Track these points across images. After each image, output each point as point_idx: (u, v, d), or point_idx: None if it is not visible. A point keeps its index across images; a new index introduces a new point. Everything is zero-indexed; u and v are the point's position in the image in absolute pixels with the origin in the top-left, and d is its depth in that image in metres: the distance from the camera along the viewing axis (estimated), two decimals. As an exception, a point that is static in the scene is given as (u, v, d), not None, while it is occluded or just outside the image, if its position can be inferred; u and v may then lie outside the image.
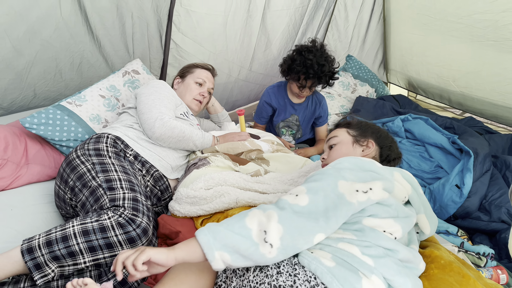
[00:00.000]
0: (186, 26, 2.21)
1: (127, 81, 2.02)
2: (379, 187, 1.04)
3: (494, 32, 2.40)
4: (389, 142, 1.36)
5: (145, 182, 1.58)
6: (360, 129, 1.37)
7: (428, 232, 1.20)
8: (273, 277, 0.92)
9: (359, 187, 1.02)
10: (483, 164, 2.01)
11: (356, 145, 1.33)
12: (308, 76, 2.13)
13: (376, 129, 1.39)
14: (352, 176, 1.04)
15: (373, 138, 1.35)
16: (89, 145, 1.48)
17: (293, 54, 2.19)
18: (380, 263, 0.95)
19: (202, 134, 1.77)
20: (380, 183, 1.04)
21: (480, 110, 2.94)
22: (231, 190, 1.51)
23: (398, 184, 1.11)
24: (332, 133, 1.43)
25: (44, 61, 1.79)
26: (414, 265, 1.06)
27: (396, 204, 1.06)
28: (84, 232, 1.14)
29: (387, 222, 1.03)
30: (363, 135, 1.35)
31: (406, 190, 1.12)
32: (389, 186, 1.06)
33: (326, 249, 0.97)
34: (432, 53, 3.02)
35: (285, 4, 2.64)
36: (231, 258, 0.89)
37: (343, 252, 0.96)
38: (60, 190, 1.42)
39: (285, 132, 2.50)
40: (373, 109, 2.92)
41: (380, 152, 1.34)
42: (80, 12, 1.78)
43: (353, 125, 1.41)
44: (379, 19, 3.38)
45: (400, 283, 0.94)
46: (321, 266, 0.92)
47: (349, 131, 1.38)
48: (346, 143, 1.35)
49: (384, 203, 1.04)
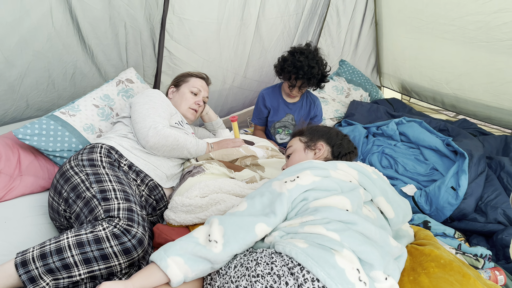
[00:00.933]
0: (179, 34, 2.21)
1: (121, 90, 2.02)
2: (307, 173, 1.17)
3: (486, 33, 2.43)
4: (339, 140, 1.48)
5: (140, 191, 1.56)
6: (310, 134, 1.52)
7: (391, 216, 1.23)
8: (252, 268, 0.96)
9: (287, 179, 1.16)
10: (478, 166, 2.02)
11: (307, 150, 1.48)
12: (298, 77, 2.19)
13: (325, 131, 1.53)
14: (283, 176, 1.20)
15: (323, 139, 1.48)
16: (82, 155, 1.47)
17: (286, 55, 2.26)
18: (345, 235, 1.01)
19: (196, 142, 1.76)
20: (309, 171, 1.18)
21: (474, 112, 2.96)
22: (226, 197, 1.51)
23: (340, 171, 1.23)
24: (288, 144, 1.57)
25: (36, 71, 1.78)
26: (381, 241, 1.09)
27: (338, 182, 1.18)
28: (79, 244, 1.12)
29: (333, 199, 1.12)
30: (312, 139, 1.50)
31: (351, 175, 1.23)
32: (321, 172, 1.19)
33: (297, 237, 1.03)
34: (424, 56, 3.05)
35: (279, 12, 2.65)
36: (183, 260, 0.98)
37: (312, 235, 1.01)
38: (54, 202, 1.40)
39: (281, 131, 2.51)
40: (367, 113, 2.93)
41: (332, 150, 1.46)
42: (72, 22, 1.77)
43: (304, 131, 1.55)
44: (371, 24, 3.40)
45: (368, 251, 0.99)
46: (295, 248, 0.96)
47: (300, 139, 1.52)
48: (299, 150, 1.49)
49: (321, 188, 1.15)
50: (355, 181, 1.23)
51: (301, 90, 2.33)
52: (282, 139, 2.55)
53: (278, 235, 1.07)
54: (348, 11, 3.26)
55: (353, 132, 2.57)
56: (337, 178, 1.20)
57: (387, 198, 1.24)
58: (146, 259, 1.35)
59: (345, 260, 0.94)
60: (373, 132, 2.63)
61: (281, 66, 2.26)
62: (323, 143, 1.47)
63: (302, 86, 2.28)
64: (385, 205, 1.23)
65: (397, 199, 1.28)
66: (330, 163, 1.25)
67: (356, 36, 3.44)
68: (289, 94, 2.36)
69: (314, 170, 1.19)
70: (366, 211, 1.18)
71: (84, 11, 1.77)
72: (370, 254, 0.98)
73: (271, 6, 2.56)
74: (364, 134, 2.54)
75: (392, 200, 1.24)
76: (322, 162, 1.25)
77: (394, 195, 1.27)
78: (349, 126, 2.71)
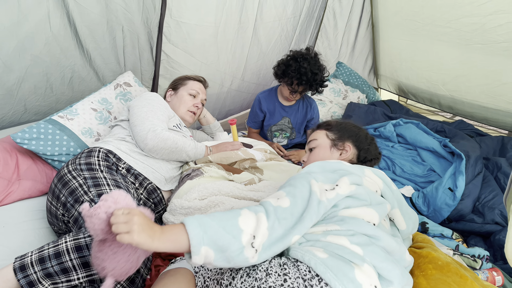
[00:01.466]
0: (176, 37, 2.22)
1: (119, 93, 2.02)
2: (346, 182, 1.08)
3: (482, 35, 2.44)
4: (367, 144, 1.38)
5: (138, 195, 1.57)
6: (339, 132, 1.40)
7: (403, 228, 1.22)
8: (262, 279, 0.91)
9: (327, 187, 1.07)
10: (475, 167, 2.03)
11: (333, 149, 1.37)
12: (301, 83, 2.19)
13: (355, 132, 1.40)
14: (322, 177, 1.09)
15: (351, 141, 1.37)
16: (80, 159, 1.47)
17: (288, 60, 2.24)
18: (368, 250, 0.97)
19: (195, 145, 1.77)
20: (346, 178, 1.09)
21: (470, 113, 2.97)
22: (225, 199, 1.51)
23: (368, 179, 1.15)
24: (312, 135, 1.45)
25: (34, 76, 1.78)
26: (399, 256, 1.07)
27: (369, 193, 1.10)
28: (77, 248, 1.13)
29: (362, 210, 1.06)
30: (341, 138, 1.38)
31: (377, 185, 1.16)
32: (357, 180, 1.10)
33: (317, 245, 0.98)
34: (421, 58, 3.06)
35: (277, 15, 2.66)
36: (214, 257, 0.88)
37: (333, 245, 0.97)
38: (52, 206, 1.41)
39: (278, 135, 2.52)
40: (365, 114, 2.94)
41: (358, 154, 1.37)
42: (69, 26, 1.78)
43: (333, 126, 1.43)
44: (367, 26, 3.42)
45: (389, 269, 0.96)
46: (315, 258, 0.92)
47: (328, 134, 1.40)
48: (324, 147, 1.38)
49: (354, 196, 1.07)
50: (379, 191, 1.17)
51: (301, 95, 2.35)
52: (279, 142, 2.55)
53: (298, 241, 1.01)
54: (345, 13, 3.27)
55: (351, 134, 2.58)
56: (368, 187, 1.13)
57: (402, 210, 1.21)
58: (145, 262, 1.35)
59: (364, 275, 0.91)
60: (371, 134, 2.64)
61: (283, 71, 2.24)
62: (350, 145, 1.36)
63: (303, 91, 2.30)
64: (399, 217, 1.20)
65: (409, 211, 1.26)
66: (359, 169, 1.18)
67: (353, 38, 3.46)
68: (288, 98, 2.36)
69: (351, 177, 1.10)
70: (382, 221, 1.15)
71: (81, 15, 1.78)
72: (391, 271, 0.96)
73: (268, 10, 2.57)
74: (361, 136, 2.55)
75: (405, 212, 1.22)
76: (353, 166, 1.18)
77: (408, 208, 1.25)
78: (347, 128, 2.71)
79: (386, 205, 1.13)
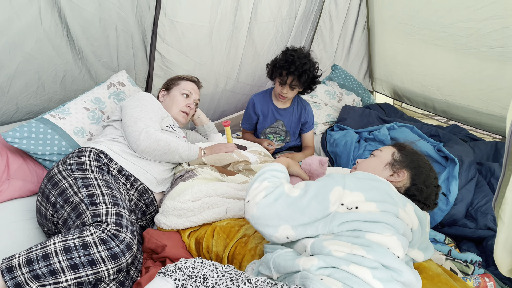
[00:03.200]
0: (171, 37, 2.20)
1: (112, 93, 2.00)
2: (372, 206, 1.05)
3: (477, 40, 2.45)
4: (424, 185, 1.24)
5: (129, 196, 1.55)
6: (406, 157, 1.30)
7: (420, 260, 1.23)
8: None
9: (347, 201, 1.06)
10: (468, 172, 2.03)
11: (388, 167, 1.28)
12: (289, 72, 2.17)
13: (421, 166, 1.27)
14: (353, 185, 1.08)
15: (410, 170, 1.26)
16: (71, 159, 1.45)
17: (278, 55, 2.27)
18: (389, 287, 0.94)
19: (188, 146, 1.75)
20: (375, 204, 1.06)
21: (464, 117, 2.98)
22: (219, 200, 1.50)
23: (405, 214, 1.10)
24: (383, 147, 1.39)
25: (26, 74, 1.76)
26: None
27: (401, 223, 1.07)
28: (66, 249, 1.11)
29: (391, 239, 1.02)
30: (402, 163, 1.28)
31: (411, 222, 1.12)
32: (389, 208, 1.07)
33: (336, 275, 0.95)
34: (416, 62, 3.07)
35: (272, 16, 2.65)
36: None
37: (354, 279, 0.94)
38: (42, 207, 1.38)
39: (272, 138, 2.50)
40: (359, 117, 2.94)
41: (409, 187, 1.24)
42: (61, 23, 1.75)
43: (405, 149, 1.34)
44: (363, 29, 3.42)
45: None
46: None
47: (394, 153, 1.32)
48: (381, 161, 1.31)
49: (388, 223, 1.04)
50: (412, 228, 1.13)
51: (292, 89, 2.27)
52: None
53: (316, 265, 0.97)
54: (341, 16, 3.27)
55: (345, 136, 2.58)
56: (403, 219, 1.09)
57: (421, 248, 1.23)
58: (135, 264, 1.33)
59: None
60: (365, 137, 2.63)
61: (273, 64, 2.26)
62: (406, 173, 1.25)
63: (293, 84, 2.23)
64: (416, 254, 1.20)
65: (429, 245, 1.27)
66: (401, 198, 1.13)
67: (348, 41, 3.46)
68: (280, 95, 2.30)
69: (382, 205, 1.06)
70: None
71: (73, 12, 1.75)
72: None
73: (263, 10, 2.56)
74: (356, 139, 2.55)
75: (425, 248, 1.24)
76: (397, 193, 1.13)
77: (428, 243, 1.26)
78: (341, 130, 2.72)
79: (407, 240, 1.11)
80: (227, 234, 1.36)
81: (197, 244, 1.40)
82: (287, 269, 1.03)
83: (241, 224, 1.39)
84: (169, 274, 0.98)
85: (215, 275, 0.96)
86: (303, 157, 2.44)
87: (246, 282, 0.93)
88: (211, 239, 1.36)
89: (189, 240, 1.42)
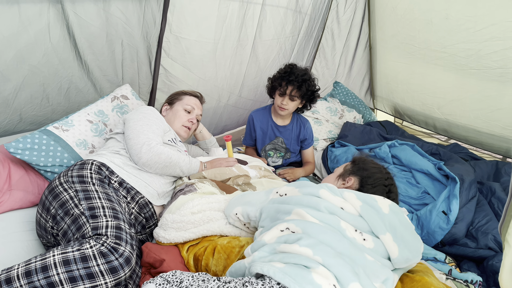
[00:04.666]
0: (175, 52, 2.23)
1: (116, 106, 2.02)
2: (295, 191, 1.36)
3: (477, 61, 2.48)
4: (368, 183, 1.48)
5: (130, 209, 1.55)
6: (354, 166, 1.56)
7: (394, 256, 1.17)
8: None
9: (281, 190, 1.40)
10: (469, 191, 2.03)
11: (339, 177, 1.56)
12: (289, 81, 2.21)
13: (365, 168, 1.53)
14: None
15: (356, 175, 1.52)
16: (72, 172, 1.46)
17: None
18: (317, 249, 1.04)
19: (189, 160, 1.76)
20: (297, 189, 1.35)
21: (465, 136, 2.99)
22: (219, 215, 1.50)
23: (328, 194, 1.30)
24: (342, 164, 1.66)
25: (31, 86, 1.78)
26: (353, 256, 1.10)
27: (319, 200, 1.27)
28: (65, 262, 1.10)
29: (299, 211, 1.24)
30: (350, 171, 1.55)
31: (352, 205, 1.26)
32: (311, 191, 1.33)
33: (275, 258, 1.06)
34: (416, 81, 3.09)
35: (276, 34, 2.69)
36: None
37: (288, 255, 1.05)
38: (42, 218, 1.39)
39: (272, 154, 2.50)
40: (361, 134, 2.95)
41: (359, 189, 1.48)
42: (69, 38, 1.79)
43: (355, 161, 1.59)
44: (365, 48, 3.46)
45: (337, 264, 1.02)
46: (273, 268, 0.99)
47: (347, 166, 1.59)
48: (336, 173, 1.59)
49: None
50: (353, 210, 1.24)
51: (292, 100, 2.27)
52: (274, 162, 2.53)
53: (258, 256, 1.10)
54: (343, 34, 3.32)
55: (346, 153, 2.59)
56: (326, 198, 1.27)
57: (395, 235, 1.19)
58: (133, 278, 1.32)
59: (321, 277, 0.97)
60: (366, 153, 2.64)
61: (273, 77, 2.32)
62: (353, 179, 1.51)
63: (293, 94, 2.24)
64: (389, 243, 1.18)
65: (409, 238, 1.23)
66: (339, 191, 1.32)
67: (350, 59, 3.50)
68: (280, 107, 2.30)
69: (303, 189, 1.34)
70: (360, 240, 1.17)
71: (81, 27, 1.79)
72: (340, 267, 1.02)
73: (267, 28, 2.60)
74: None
75: (400, 238, 1.20)
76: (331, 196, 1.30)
77: (406, 234, 1.23)
78: (342, 147, 2.73)
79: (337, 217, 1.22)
80: (228, 254, 1.34)
81: (196, 260, 1.39)
82: (238, 271, 1.15)
83: (241, 245, 1.38)
84: (152, 281, 1.13)
85: (190, 279, 1.10)
86: (304, 173, 2.44)
87: (216, 279, 1.06)
88: (211, 257, 1.35)
89: (188, 255, 1.41)
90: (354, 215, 1.23)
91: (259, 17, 2.50)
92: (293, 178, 2.34)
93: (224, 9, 2.26)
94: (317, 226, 1.14)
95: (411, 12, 2.75)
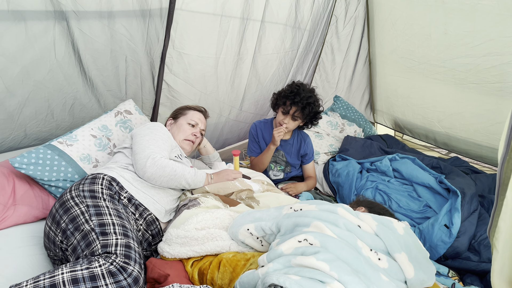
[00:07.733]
0: (178, 68, 2.26)
1: (119, 121, 2.04)
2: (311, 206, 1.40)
3: (476, 76, 2.51)
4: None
5: (138, 226, 1.55)
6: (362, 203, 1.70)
7: (410, 276, 1.19)
8: None
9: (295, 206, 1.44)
10: (470, 204, 2.04)
11: None
12: (294, 101, 2.22)
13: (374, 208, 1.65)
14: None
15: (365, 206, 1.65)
16: (84, 185, 1.46)
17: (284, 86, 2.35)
18: (334, 265, 1.05)
19: (195, 172, 1.77)
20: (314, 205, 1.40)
21: (465, 150, 3.00)
22: (224, 235, 1.49)
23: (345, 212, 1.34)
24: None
25: (36, 101, 1.80)
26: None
27: (337, 216, 1.30)
28: (74, 281, 1.10)
29: (318, 224, 1.28)
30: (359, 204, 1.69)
31: (370, 226, 1.29)
32: (328, 208, 1.38)
33: (290, 271, 1.07)
34: (416, 95, 3.12)
35: (275, 48, 2.73)
36: None
37: (303, 269, 1.06)
38: (51, 232, 1.38)
39: (273, 167, 2.51)
40: (361, 148, 2.97)
41: None
42: (74, 54, 1.81)
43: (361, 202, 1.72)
44: (365, 62, 3.50)
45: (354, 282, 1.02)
46: (289, 279, 1.00)
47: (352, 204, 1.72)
48: None
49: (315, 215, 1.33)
50: (369, 229, 1.28)
51: (294, 120, 2.29)
52: (275, 176, 2.54)
53: (272, 268, 1.11)
54: (343, 49, 3.36)
55: (347, 167, 2.59)
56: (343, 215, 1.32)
57: (410, 257, 1.21)
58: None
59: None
60: (367, 168, 2.65)
61: (279, 93, 2.33)
62: (363, 208, 1.64)
63: (295, 115, 2.27)
64: (405, 263, 1.20)
65: (423, 260, 1.25)
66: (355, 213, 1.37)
67: (350, 73, 3.54)
68: (280, 122, 2.31)
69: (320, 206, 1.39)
70: (375, 259, 1.18)
71: (86, 44, 1.81)
72: (355, 284, 1.02)
73: (267, 43, 2.64)
74: (358, 170, 2.56)
75: (414, 259, 1.22)
76: (348, 214, 1.34)
77: (421, 256, 1.26)
78: (343, 161, 2.74)
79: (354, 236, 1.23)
80: (233, 267, 1.34)
81: (201, 274, 1.39)
82: (251, 282, 1.16)
83: (247, 258, 1.38)
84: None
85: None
86: (306, 187, 2.45)
87: None
88: (216, 271, 1.35)
89: (192, 270, 1.41)
90: (371, 234, 1.25)
91: (259, 33, 2.53)
92: (296, 192, 2.34)
93: (225, 25, 2.30)
94: (336, 241, 1.15)
95: (410, 27, 2.79)
